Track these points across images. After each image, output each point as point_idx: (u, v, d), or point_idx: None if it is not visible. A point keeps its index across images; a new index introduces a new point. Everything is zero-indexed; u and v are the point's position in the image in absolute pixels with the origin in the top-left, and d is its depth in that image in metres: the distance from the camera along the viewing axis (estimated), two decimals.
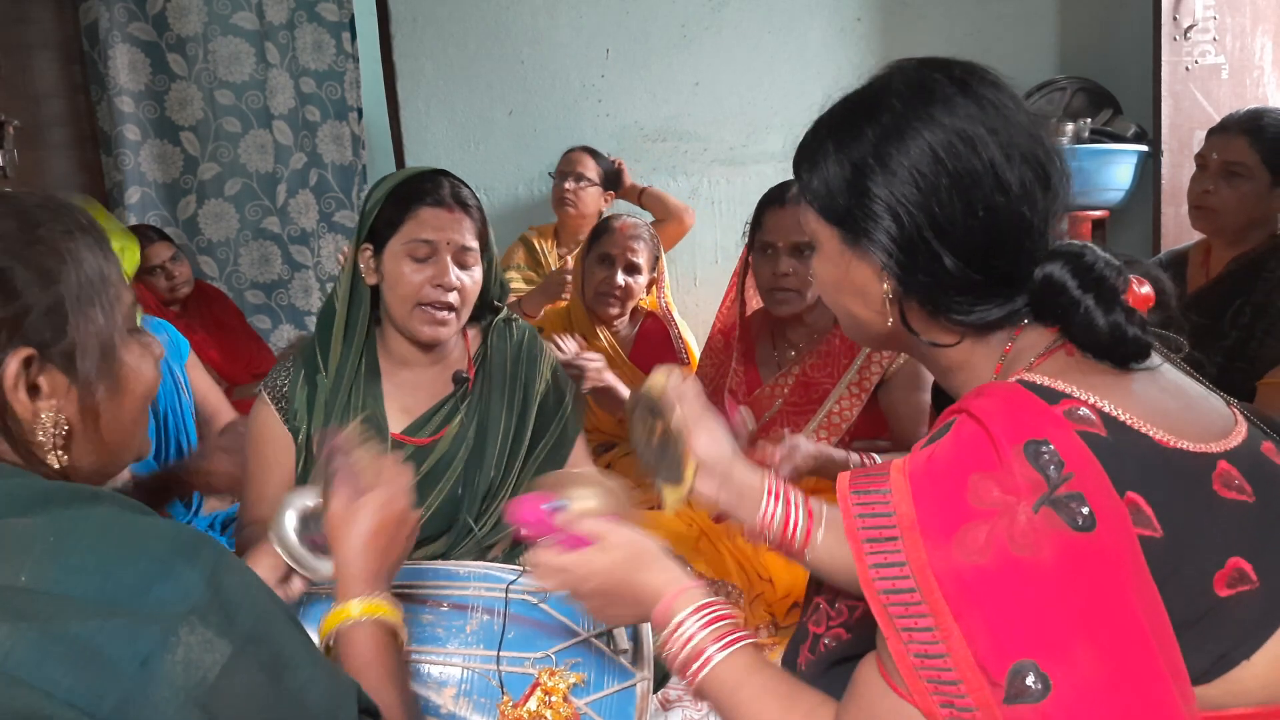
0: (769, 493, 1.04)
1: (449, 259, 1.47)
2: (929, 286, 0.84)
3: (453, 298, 1.48)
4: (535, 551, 0.97)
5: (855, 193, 0.85)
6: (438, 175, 1.53)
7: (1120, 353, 0.79)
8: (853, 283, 0.90)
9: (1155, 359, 0.82)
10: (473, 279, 1.51)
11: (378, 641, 0.93)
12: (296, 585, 1.14)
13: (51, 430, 0.77)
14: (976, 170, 0.81)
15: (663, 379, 1.09)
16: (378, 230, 1.50)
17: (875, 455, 1.68)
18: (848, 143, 0.87)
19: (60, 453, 0.78)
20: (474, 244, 1.51)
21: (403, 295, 1.48)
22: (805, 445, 1.53)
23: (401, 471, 1.04)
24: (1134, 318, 0.79)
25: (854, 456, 1.64)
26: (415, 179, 1.53)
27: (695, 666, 0.86)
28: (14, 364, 0.75)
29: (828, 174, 0.88)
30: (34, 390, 0.77)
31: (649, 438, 1.11)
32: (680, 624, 0.88)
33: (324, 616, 0.95)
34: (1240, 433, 0.80)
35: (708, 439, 1.05)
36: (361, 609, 0.94)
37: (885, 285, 0.87)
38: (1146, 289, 0.80)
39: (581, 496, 1.02)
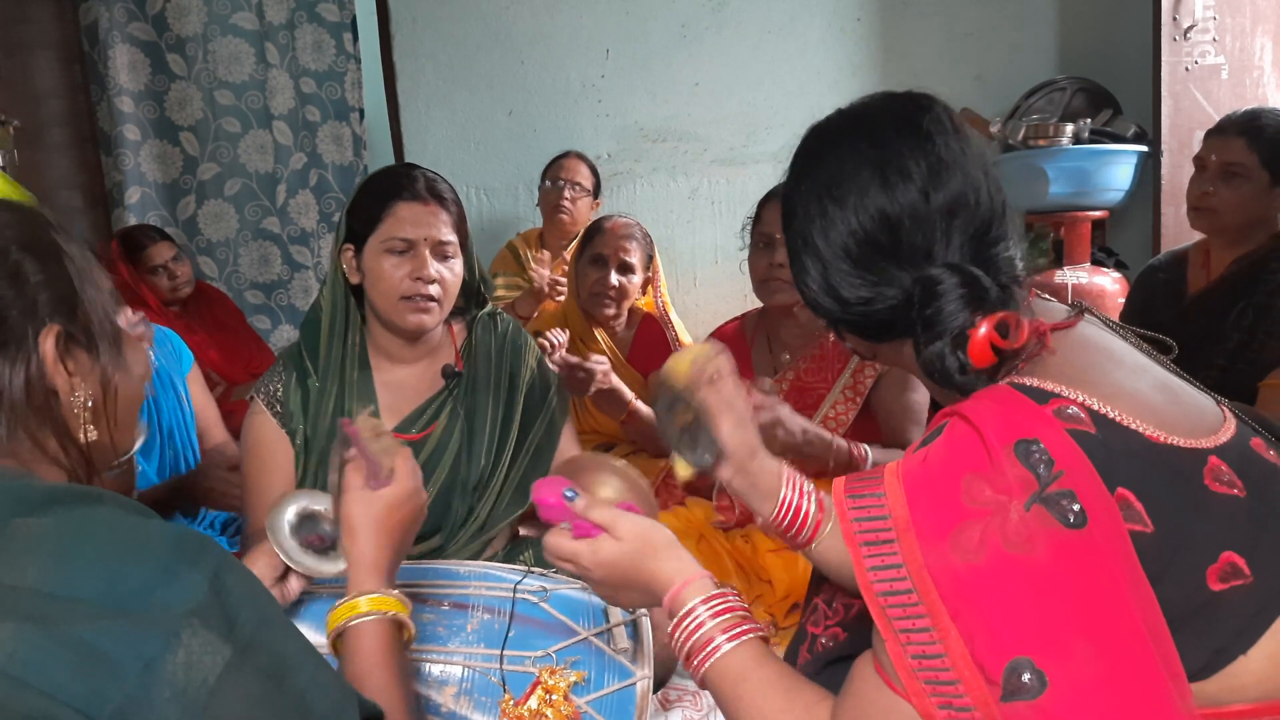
0: (787, 483, 1.06)
1: (427, 253, 1.49)
2: (841, 312, 0.93)
3: (433, 290, 1.49)
4: (549, 536, 0.99)
5: (795, 247, 0.96)
6: (412, 170, 1.55)
7: (933, 377, 0.84)
8: None
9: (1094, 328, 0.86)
10: (452, 271, 1.53)
11: (386, 640, 0.93)
12: (294, 585, 1.14)
13: (83, 405, 0.80)
14: (872, 211, 0.88)
15: (688, 361, 1.09)
16: (357, 229, 1.52)
17: (866, 446, 1.68)
18: (787, 200, 0.97)
19: (89, 427, 0.81)
20: (451, 237, 1.52)
21: (384, 290, 1.49)
22: (791, 420, 1.51)
23: (415, 469, 1.05)
24: (959, 355, 0.81)
25: (840, 442, 1.64)
26: (389, 175, 1.55)
27: (702, 656, 0.86)
28: (50, 340, 0.78)
29: (783, 221, 1.00)
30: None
31: (671, 419, 1.11)
32: (689, 612, 0.88)
33: (329, 612, 0.95)
34: (1229, 429, 0.81)
35: (731, 427, 1.05)
36: (370, 604, 0.94)
37: None
38: (987, 331, 0.80)
39: (601, 484, 1.04)
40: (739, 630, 0.87)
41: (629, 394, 2.11)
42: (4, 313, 0.76)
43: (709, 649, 0.86)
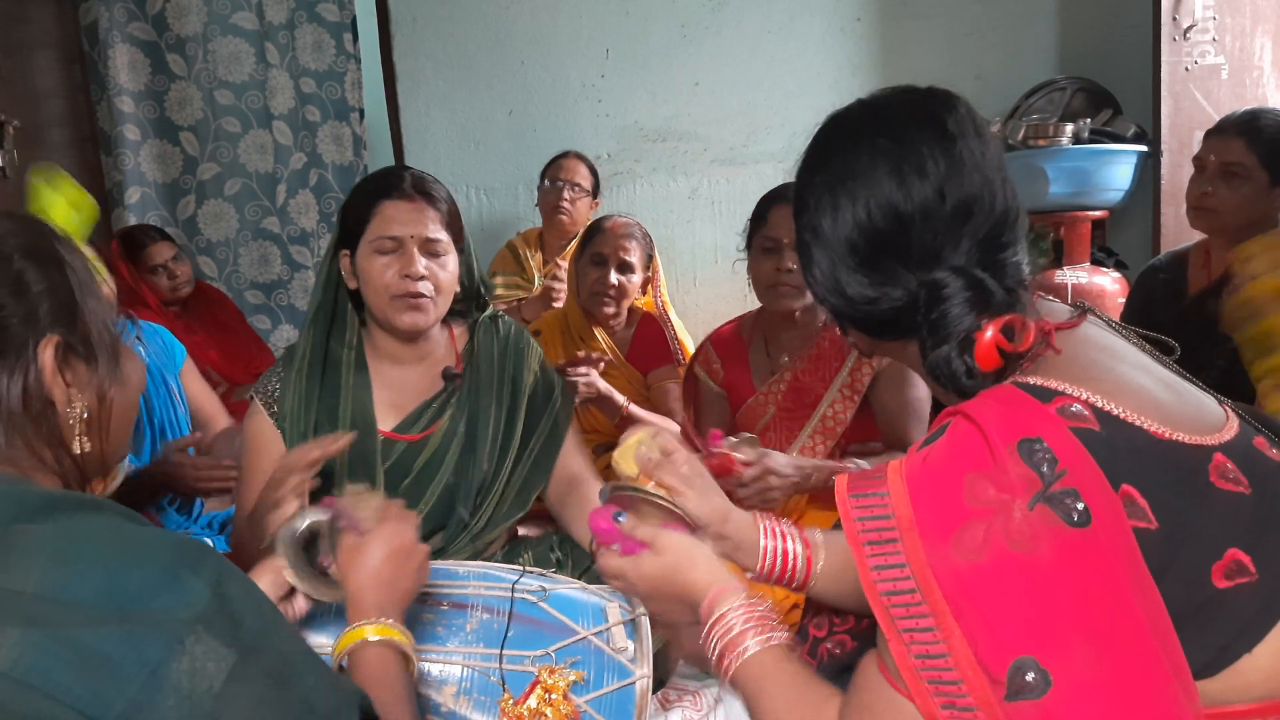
0: (765, 533, 1.08)
1: (416, 250, 1.48)
2: (846, 309, 0.93)
3: (424, 287, 1.49)
4: (601, 556, 1.04)
5: (805, 239, 0.95)
6: (401, 170, 1.55)
7: (939, 380, 0.84)
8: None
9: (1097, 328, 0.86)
10: (444, 269, 1.52)
11: (389, 663, 0.95)
12: (300, 604, 1.13)
13: (79, 417, 0.80)
14: (885, 209, 0.87)
15: (631, 452, 1.11)
16: (350, 233, 1.52)
17: (858, 460, 1.68)
18: (799, 191, 0.97)
19: (84, 438, 0.81)
20: (441, 235, 1.51)
21: (377, 291, 1.49)
22: (783, 467, 1.51)
23: (406, 513, 1.09)
24: (966, 358, 0.82)
25: (837, 464, 1.63)
26: (377, 176, 1.56)
27: (731, 657, 0.89)
28: (49, 350, 0.78)
29: (794, 212, 0.99)
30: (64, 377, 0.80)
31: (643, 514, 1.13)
32: (722, 617, 0.92)
33: (336, 638, 0.98)
34: (1233, 427, 0.81)
35: (698, 500, 1.08)
36: (374, 631, 0.97)
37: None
38: (993, 335, 0.81)
39: (648, 515, 1.08)
40: (766, 634, 0.90)
41: (620, 398, 2.11)
42: (5, 321, 0.76)
43: (738, 650, 0.89)
